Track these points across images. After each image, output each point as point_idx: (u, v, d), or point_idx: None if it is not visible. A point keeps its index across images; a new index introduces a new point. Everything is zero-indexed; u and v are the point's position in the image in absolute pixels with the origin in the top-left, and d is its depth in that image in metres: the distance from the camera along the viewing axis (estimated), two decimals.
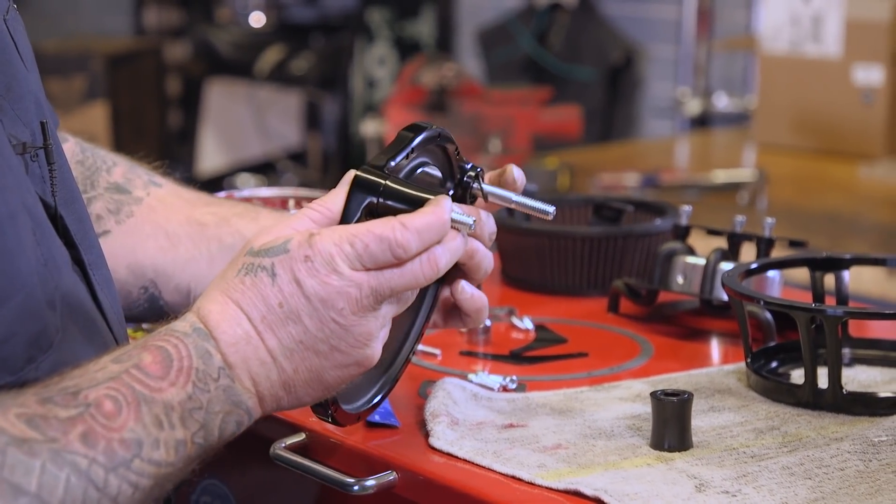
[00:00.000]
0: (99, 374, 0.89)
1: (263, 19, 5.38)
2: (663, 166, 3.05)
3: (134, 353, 0.91)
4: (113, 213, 1.22)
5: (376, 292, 0.93)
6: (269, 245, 0.94)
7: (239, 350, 0.92)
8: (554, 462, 1.04)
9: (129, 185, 1.24)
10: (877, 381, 1.23)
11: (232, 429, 0.93)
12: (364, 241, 0.93)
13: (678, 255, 1.39)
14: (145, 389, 0.89)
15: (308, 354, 0.94)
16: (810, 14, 3.17)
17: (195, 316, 0.94)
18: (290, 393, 0.95)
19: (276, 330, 0.93)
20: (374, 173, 0.97)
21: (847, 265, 1.30)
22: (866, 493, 0.98)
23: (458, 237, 0.97)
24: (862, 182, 2.96)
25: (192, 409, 0.90)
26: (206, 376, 0.91)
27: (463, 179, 1.07)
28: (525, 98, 3.85)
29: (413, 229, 0.94)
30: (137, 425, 0.87)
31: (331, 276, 0.92)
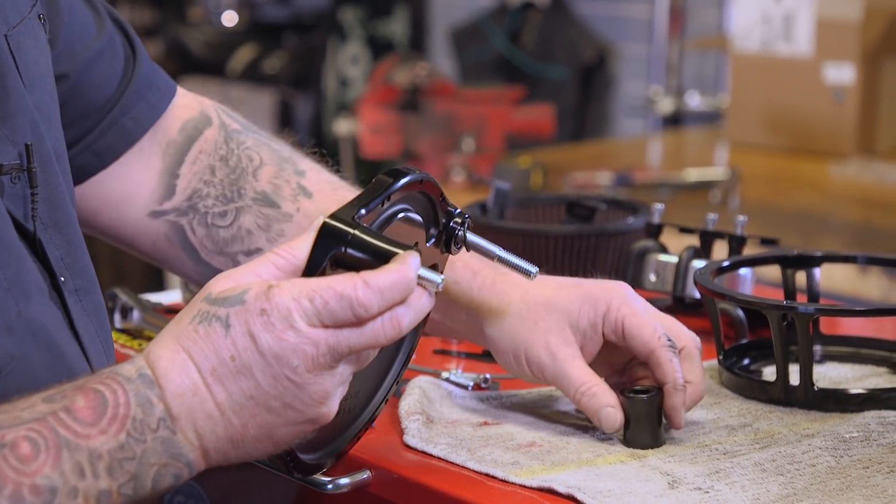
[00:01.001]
0: (24, 414, 0.84)
1: (236, 18, 5.37)
2: (636, 165, 3.06)
3: (68, 394, 0.86)
4: (263, 230, 1.17)
5: (334, 350, 0.89)
6: (225, 294, 0.89)
7: (185, 401, 0.88)
8: (528, 460, 1.04)
9: (277, 195, 1.18)
10: (847, 377, 1.24)
11: (169, 481, 0.88)
12: (324, 297, 0.88)
13: (651, 253, 1.40)
14: (70, 434, 0.84)
15: (259, 410, 0.89)
16: (781, 13, 3.19)
17: (143, 360, 0.89)
18: (238, 448, 0.90)
19: (225, 383, 0.88)
20: (343, 221, 0.93)
21: (818, 263, 1.30)
22: (837, 489, 0.99)
23: (424, 296, 0.92)
24: (833, 180, 2.98)
25: (122, 460, 0.85)
26: (144, 426, 0.87)
27: (449, 225, 1.03)
28: (498, 97, 3.85)
29: (376, 288, 0.89)
30: (54, 472, 0.83)
31: (287, 332, 0.87)
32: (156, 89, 1.19)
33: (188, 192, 1.19)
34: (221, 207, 1.18)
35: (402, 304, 0.90)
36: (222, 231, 1.18)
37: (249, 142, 1.21)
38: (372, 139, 3.76)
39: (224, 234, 1.18)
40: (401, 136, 3.69)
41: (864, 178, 2.96)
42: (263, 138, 1.22)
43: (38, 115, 1.02)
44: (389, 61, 4.05)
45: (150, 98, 1.18)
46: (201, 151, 1.19)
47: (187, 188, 1.19)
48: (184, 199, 1.18)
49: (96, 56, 1.14)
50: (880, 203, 2.78)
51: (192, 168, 1.19)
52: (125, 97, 1.16)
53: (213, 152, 1.20)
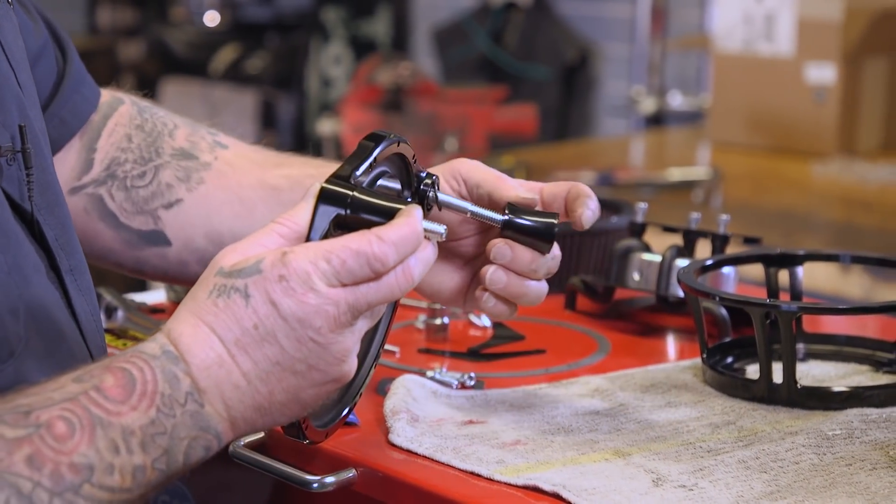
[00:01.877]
0: (56, 394, 0.85)
1: (218, 18, 5.36)
2: (619, 164, 3.07)
3: (96, 374, 0.87)
4: (183, 181, 1.20)
5: (353, 308, 0.90)
6: (240, 265, 0.90)
7: (211, 374, 0.89)
8: (513, 458, 1.05)
9: (194, 149, 1.21)
10: (830, 375, 1.24)
11: (200, 454, 0.90)
12: (341, 256, 0.90)
13: (634, 253, 1.40)
14: (102, 413, 0.85)
15: (285, 375, 0.90)
16: (763, 13, 3.20)
17: (165, 338, 0.90)
18: (266, 415, 0.92)
19: (250, 352, 0.90)
20: (340, 185, 0.95)
21: (801, 261, 1.31)
22: (821, 487, 0.99)
23: (430, 247, 0.95)
24: (815, 179, 2.99)
25: (154, 435, 0.87)
26: (173, 401, 0.88)
27: (420, 188, 1.06)
28: (481, 97, 3.85)
29: (389, 242, 0.91)
30: (90, 449, 0.84)
31: (307, 294, 0.89)
32: (86, 84, 1.21)
33: (106, 163, 1.21)
34: (140, 169, 1.20)
35: (413, 255, 0.93)
36: (142, 190, 1.20)
37: (161, 112, 1.24)
38: (355, 139, 3.75)
39: (143, 193, 1.20)
40: None
41: (845, 177, 2.97)
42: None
43: (24, 98, 1.03)
44: (372, 61, 4.05)
45: (83, 91, 1.21)
46: (117, 124, 1.22)
47: (105, 159, 1.21)
48: (102, 170, 1.20)
49: (37, 55, 1.15)
50: (861, 202, 2.79)
51: (109, 140, 1.21)
52: (62, 92, 1.18)
53: (128, 123, 1.22)
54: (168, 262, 1.20)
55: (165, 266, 1.20)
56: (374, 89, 3.82)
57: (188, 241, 1.19)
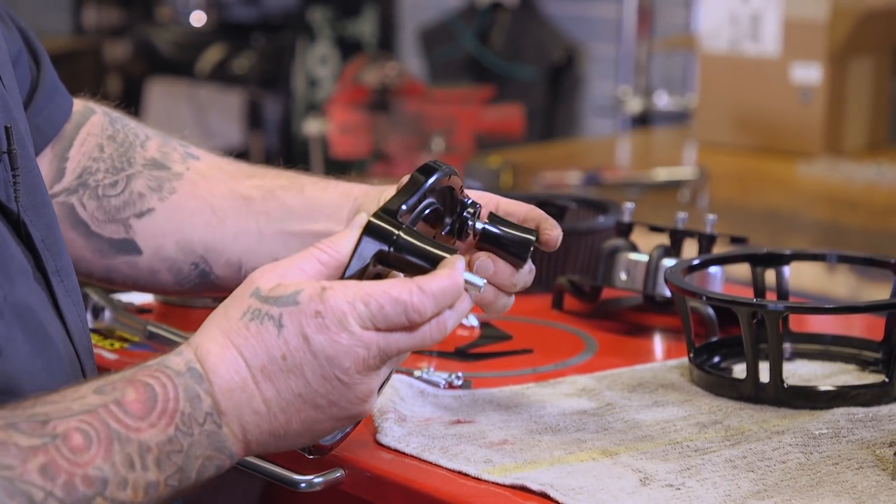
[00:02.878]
0: (75, 405, 0.86)
1: (204, 18, 5.35)
2: (605, 164, 3.07)
3: (118, 386, 0.88)
4: (155, 191, 1.20)
5: (383, 353, 0.91)
6: (277, 293, 0.91)
7: (233, 397, 0.90)
8: (500, 457, 1.05)
9: (166, 159, 1.22)
10: (817, 374, 1.25)
11: (211, 472, 0.90)
12: (379, 301, 0.90)
13: (621, 252, 1.40)
14: (121, 427, 0.86)
15: (305, 407, 0.91)
16: (749, 13, 3.20)
17: (192, 353, 0.91)
18: (279, 440, 0.92)
19: (275, 381, 0.90)
20: (387, 221, 0.95)
21: (787, 261, 1.31)
22: (807, 485, 1.00)
23: (467, 299, 0.95)
24: (801, 179, 3.00)
25: (170, 452, 0.87)
26: (192, 420, 0.88)
27: (462, 214, 1.05)
28: (467, 97, 3.86)
29: (430, 294, 0.91)
30: (105, 463, 0.84)
31: (341, 334, 0.90)
32: (60, 92, 1.21)
33: (77, 172, 1.21)
34: (112, 178, 1.20)
35: (449, 308, 0.93)
36: (114, 199, 1.20)
37: (133, 123, 1.25)
38: (341, 139, 3.76)
39: (115, 202, 1.20)
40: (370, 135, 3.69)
41: (831, 177, 2.98)
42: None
43: (9, 99, 1.03)
44: (358, 61, 4.05)
45: (57, 99, 1.20)
46: (89, 134, 1.22)
47: (77, 168, 1.21)
48: (73, 179, 1.20)
49: (13, 63, 1.15)
50: (847, 202, 2.80)
51: (81, 149, 1.21)
52: (35, 100, 1.18)
53: (100, 133, 1.22)
54: (138, 270, 1.20)
55: (135, 275, 1.21)
56: (361, 89, 3.82)
57: (159, 249, 1.19)
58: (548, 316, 1.44)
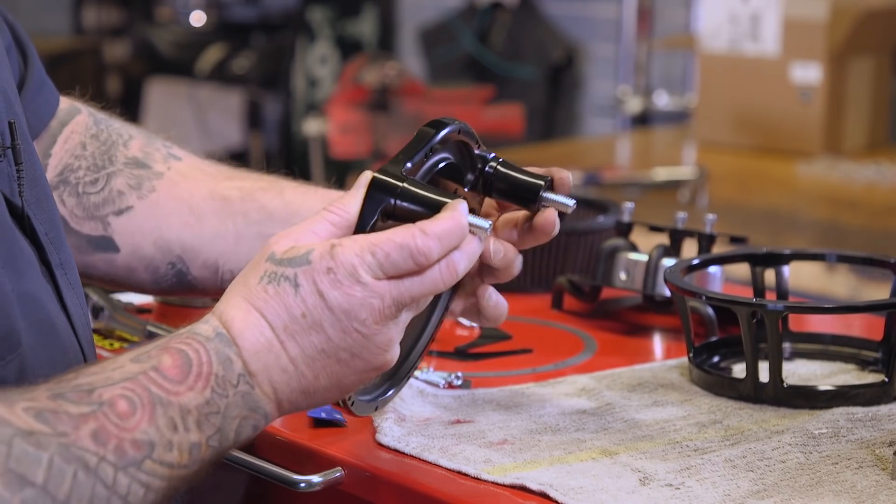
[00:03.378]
0: (115, 374, 0.88)
1: (204, 18, 5.36)
2: (605, 164, 3.07)
3: (154, 355, 0.90)
4: (135, 189, 1.21)
5: (398, 301, 0.93)
6: (291, 255, 0.94)
7: (261, 358, 0.93)
8: (500, 457, 1.05)
9: (148, 159, 1.22)
10: (816, 374, 1.25)
11: (248, 432, 0.93)
12: (385, 249, 0.93)
13: (621, 252, 1.40)
14: (162, 392, 0.89)
15: (329, 362, 0.94)
16: (749, 13, 3.20)
17: (217, 320, 0.93)
18: (309, 397, 0.95)
19: (298, 339, 0.93)
20: (391, 175, 0.97)
21: (787, 260, 1.31)
22: (807, 485, 1.00)
23: (475, 241, 0.97)
24: (800, 179, 3.00)
25: (208, 414, 0.90)
26: (226, 382, 0.91)
27: (484, 169, 1.07)
28: (467, 97, 3.86)
29: (433, 235, 0.94)
30: (151, 427, 0.87)
31: (354, 287, 0.92)
32: (47, 87, 1.21)
33: (59, 168, 1.21)
34: (93, 175, 1.21)
35: (457, 249, 0.95)
36: (93, 197, 1.21)
37: (117, 123, 1.25)
38: (341, 139, 3.76)
39: (95, 199, 1.21)
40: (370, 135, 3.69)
41: (830, 176, 2.98)
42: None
43: (11, 93, 1.04)
44: (358, 61, 4.05)
45: (45, 94, 1.21)
46: (73, 132, 1.23)
47: (58, 165, 1.21)
48: (55, 176, 1.21)
49: (2, 57, 1.15)
50: (847, 201, 2.80)
51: (64, 146, 1.22)
52: (23, 94, 1.18)
53: (83, 132, 1.23)
54: (115, 267, 1.21)
55: (113, 272, 1.21)
56: (361, 89, 3.82)
57: (136, 248, 1.20)
58: (547, 316, 1.44)
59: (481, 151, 1.07)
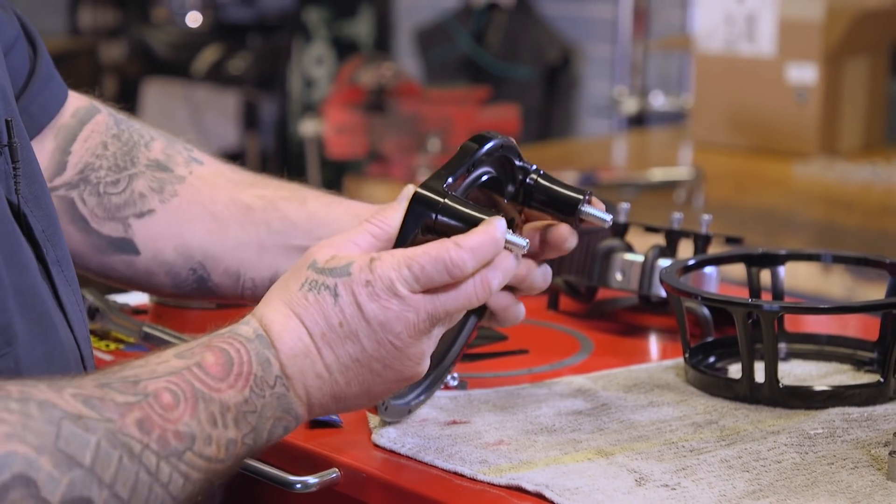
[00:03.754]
0: (160, 368, 0.91)
1: (200, 19, 5.35)
2: (601, 165, 3.07)
3: (197, 352, 0.93)
4: (157, 192, 1.21)
5: (432, 316, 0.96)
6: (332, 265, 0.97)
7: (297, 362, 0.95)
8: (496, 458, 1.05)
9: (170, 162, 1.23)
10: (812, 374, 1.25)
11: (280, 433, 0.96)
12: (420, 262, 0.95)
13: (617, 253, 1.40)
14: (204, 388, 0.91)
15: (362, 371, 0.97)
16: (744, 14, 3.20)
17: (258, 322, 0.96)
18: (339, 403, 0.98)
19: (334, 347, 0.96)
20: (433, 190, 1.00)
21: (782, 261, 1.31)
22: (803, 485, 1.00)
23: (510, 258, 0.99)
24: (796, 179, 3.00)
25: (246, 412, 0.93)
26: (264, 383, 0.94)
27: (525, 181, 1.08)
28: (463, 97, 3.86)
29: (467, 248, 0.96)
30: (193, 420, 0.90)
31: (391, 300, 0.95)
32: (55, 80, 1.22)
33: (80, 167, 1.21)
34: (114, 176, 1.21)
35: (491, 265, 0.97)
36: (114, 198, 1.21)
37: (137, 125, 1.26)
38: (337, 140, 3.76)
39: (116, 200, 1.21)
40: (366, 136, 3.69)
41: (826, 177, 2.98)
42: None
43: (8, 91, 1.04)
44: (354, 62, 4.05)
45: (52, 88, 1.21)
46: (93, 131, 1.23)
47: (79, 163, 1.21)
48: (75, 174, 1.21)
49: (10, 48, 1.16)
50: (843, 202, 2.80)
51: (85, 145, 1.22)
52: (31, 87, 1.18)
53: (104, 132, 1.23)
54: (135, 270, 1.21)
55: (132, 274, 1.21)
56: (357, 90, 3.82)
57: (157, 252, 1.20)
58: (543, 316, 1.44)
59: (523, 163, 1.08)
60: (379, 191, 3.13)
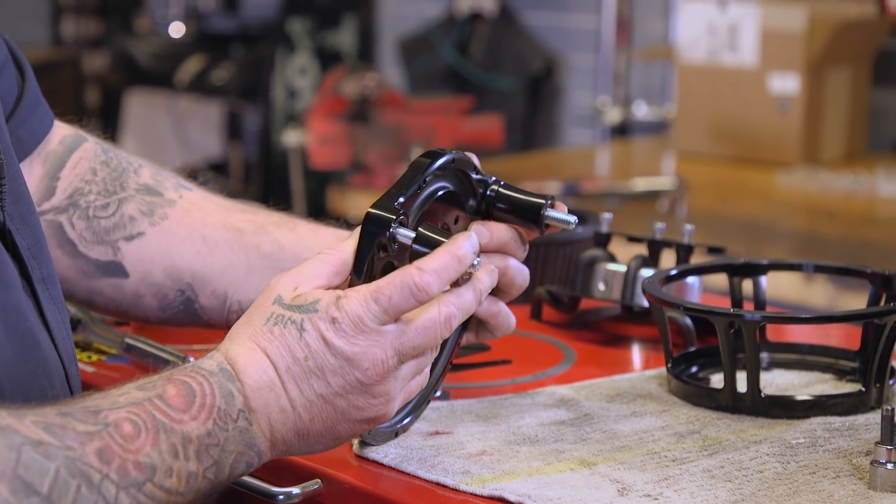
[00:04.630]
0: (121, 399, 0.91)
1: (183, 29, 5.35)
2: (584, 175, 3.08)
3: (159, 384, 0.93)
4: (147, 215, 1.21)
5: (399, 353, 0.96)
6: (299, 302, 0.96)
7: (262, 396, 0.95)
8: (478, 468, 1.05)
9: (159, 186, 1.23)
10: (794, 384, 1.25)
11: (242, 469, 0.95)
12: (386, 293, 0.95)
13: (599, 262, 1.40)
14: (166, 419, 0.90)
15: (326, 408, 0.96)
16: (727, 24, 3.21)
17: (222, 356, 0.96)
18: (302, 440, 0.97)
19: (299, 382, 0.96)
20: (385, 209, 1.00)
21: (764, 271, 1.32)
22: (785, 495, 1.00)
23: (470, 293, 0.99)
24: (778, 189, 3.01)
25: (209, 445, 0.92)
26: (227, 416, 0.93)
27: (486, 194, 1.09)
28: (446, 107, 3.86)
29: (430, 271, 0.96)
30: (154, 451, 0.89)
31: (358, 336, 0.95)
32: (42, 106, 1.22)
33: (69, 192, 1.21)
34: (104, 200, 1.21)
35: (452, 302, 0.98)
36: (104, 221, 1.21)
37: (124, 153, 1.26)
38: (321, 150, 3.75)
39: (105, 224, 1.21)
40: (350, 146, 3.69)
41: (808, 186, 2.99)
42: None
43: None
44: (338, 72, 4.05)
45: (40, 113, 1.21)
46: (82, 157, 1.23)
47: (68, 188, 1.21)
48: (64, 198, 1.21)
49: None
50: (825, 211, 2.81)
51: (74, 171, 1.22)
52: (19, 111, 1.18)
53: (93, 158, 1.23)
54: (123, 294, 1.21)
55: (119, 298, 1.21)
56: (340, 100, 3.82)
57: (146, 274, 1.20)
58: (526, 326, 1.44)
59: (481, 176, 1.08)
60: (362, 201, 3.13)
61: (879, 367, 1.17)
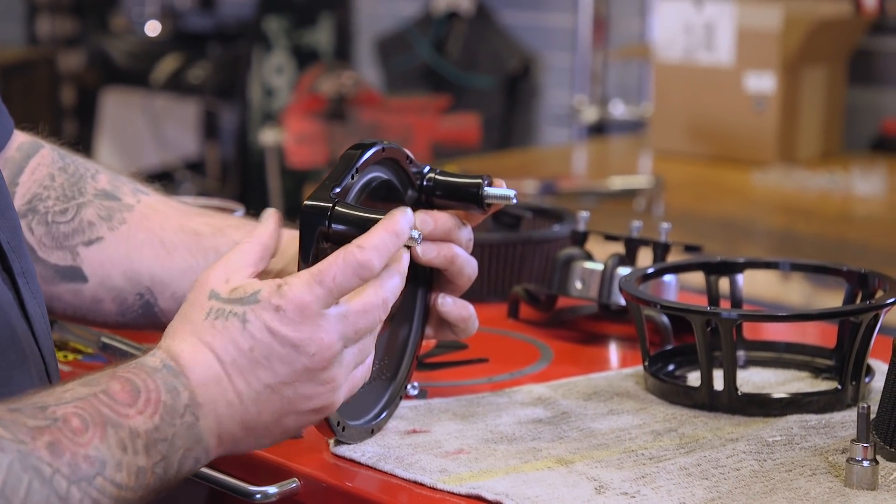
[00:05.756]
0: (67, 395, 0.90)
1: (159, 28, 5.33)
2: (561, 173, 3.08)
3: (102, 380, 0.92)
4: (105, 220, 1.21)
5: (344, 336, 0.96)
6: (238, 295, 0.96)
7: (209, 390, 0.94)
8: (455, 467, 1.05)
9: (117, 192, 1.23)
10: (770, 382, 1.25)
11: (190, 465, 0.94)
12: (330, 274, 0.95)
13: (576, 261, 1.40)
14: (112, 413, 0.90)
15: (273, 398, 0.96)
16: (703, 22, 3.22)
17: (165, 354, 0.95)
18: (250, 434, 0.97)
19: (245, 374, 0.95)
20: (321, 199, 1.00)
21: (741, 269, 1.32)
22: (761, 493, 1.00)
23: (397, 277, 1.00)
24: (755, 188, 3.02)
25: (157, 440, 0.91)
26: (173, 411, 0.93)
27: (423, 184, 1.10)
28: (424, 106, 3.86)
29: (370, 247, 0.97)
30: (102, 444, 0.88)
31: (304, 322, 0.95)
32: (4, 113, 1.21)
33: (28, 197, 1.21)
34: (62, 206, 1.21)
35: (387, 270, 0.99)
36: (63, 226, 1.21)
37: (82, 159, 1.26)
38: (298, 149, 3.75)
39: (65, 229, 1.21)
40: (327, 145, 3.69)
41: (785, 185, 3.00)
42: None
43: None
44: (315, 71, 4.05)
45: (1, 119, 1.21)
46: (39, 164, 1.23)
47: (27, 194, 1.21)
48: (23, 204, 1.21)
49: None
50: (801, 210, 2.82)
51: (32, 177, 1.22)
52: None
53: (51, 164, 1.23)
54: (82, 299, 1.21)
55: (78, 303, 1.21)
56: (317, 99, 3.82)
57: (105, 278, 1.20)
58: (503, 325, 1.45)
59: (416, 167, 1.10)
60: None
61: (855, 365, 1.18)
